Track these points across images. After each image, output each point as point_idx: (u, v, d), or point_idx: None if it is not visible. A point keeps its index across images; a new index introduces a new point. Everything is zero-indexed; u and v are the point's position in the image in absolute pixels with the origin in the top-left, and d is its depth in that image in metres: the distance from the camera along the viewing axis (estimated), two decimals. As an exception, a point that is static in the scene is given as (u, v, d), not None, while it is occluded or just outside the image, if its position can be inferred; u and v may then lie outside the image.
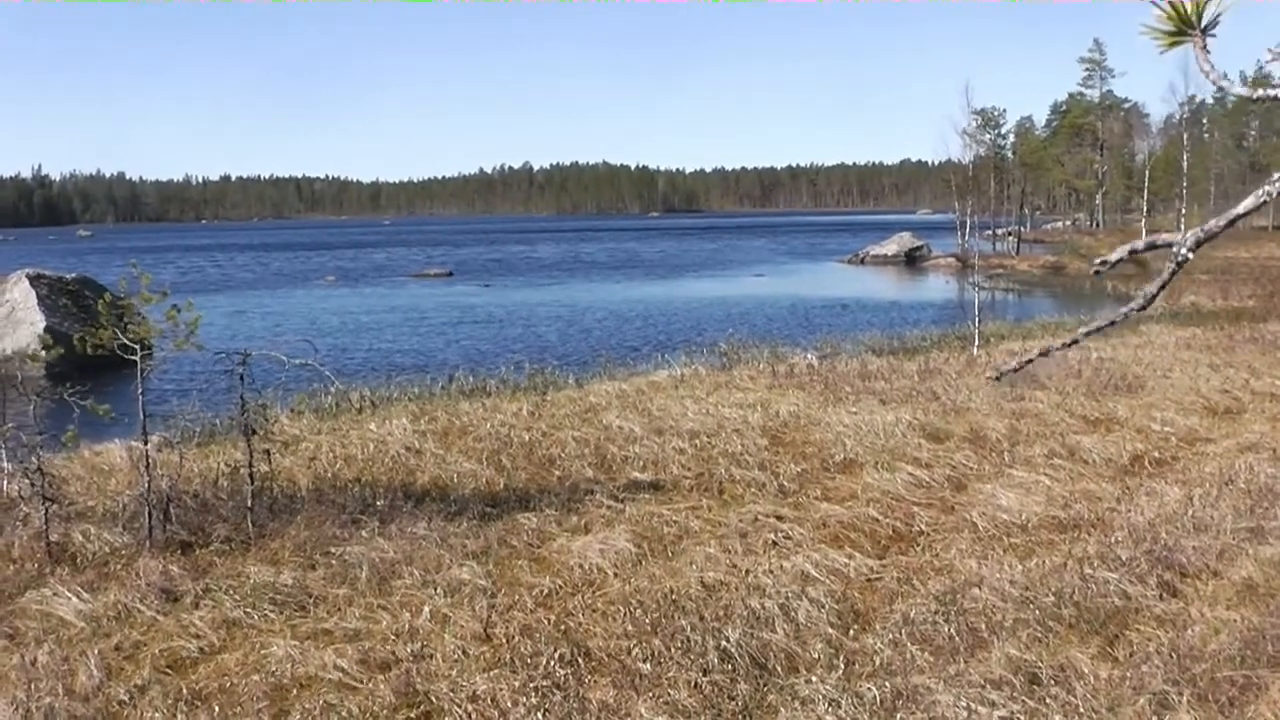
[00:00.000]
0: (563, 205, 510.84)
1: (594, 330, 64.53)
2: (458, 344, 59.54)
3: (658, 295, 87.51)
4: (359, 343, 61.30)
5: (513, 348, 54.97)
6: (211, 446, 26.25)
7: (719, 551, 17.55)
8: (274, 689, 13.15)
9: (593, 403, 30.88)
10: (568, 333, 63.84)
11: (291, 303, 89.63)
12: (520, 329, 66.43)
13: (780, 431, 26.27)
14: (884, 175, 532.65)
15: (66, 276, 57.48)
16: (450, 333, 65.46)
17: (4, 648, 14.94)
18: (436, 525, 19.16)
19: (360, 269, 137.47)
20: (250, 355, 20.37)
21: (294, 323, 72.16)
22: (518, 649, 13.82)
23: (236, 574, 17.15)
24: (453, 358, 51.27)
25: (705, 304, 79.09)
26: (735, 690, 12.67)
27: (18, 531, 19.66)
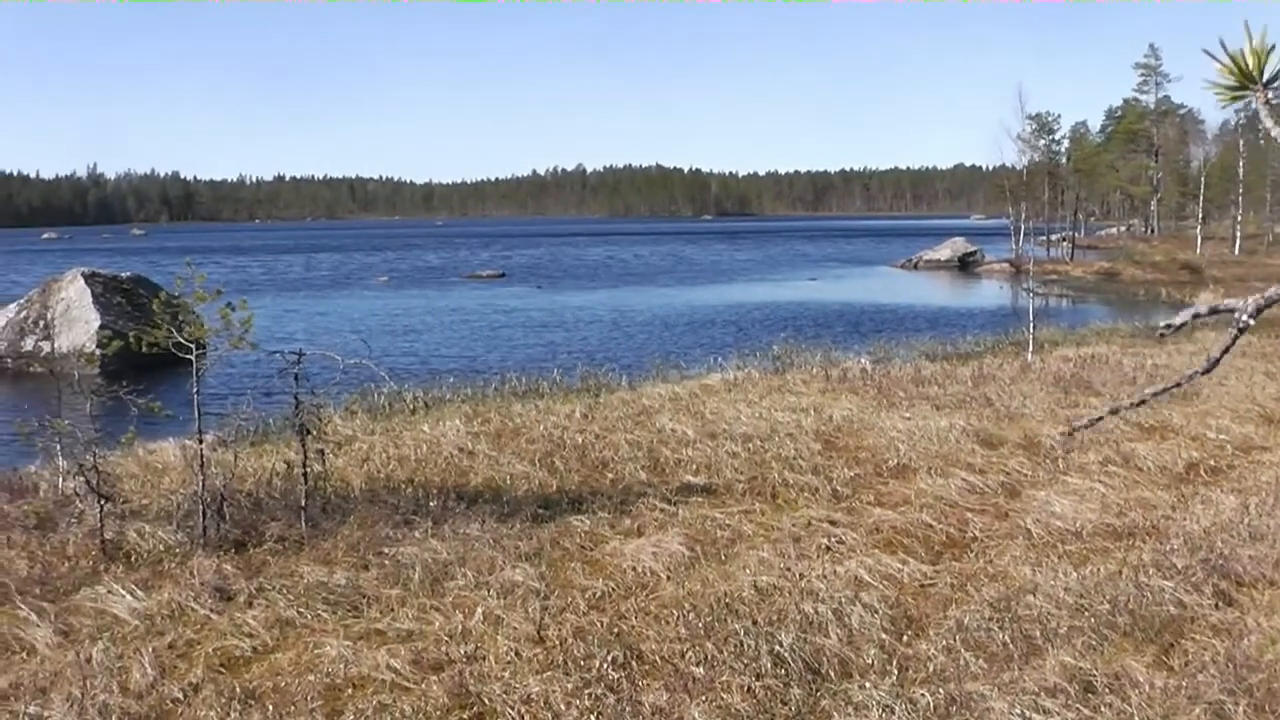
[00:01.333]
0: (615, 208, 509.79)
1: (646, 333, 64.49)
2: (510, 345, 59.57)
3: (709, 299, 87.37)
4: (411, 343, 61.35)
5: (565, 350, 55.02)
6: (265, 446, 26.35)
7: (772, 555, 17.52)
8: (327, 689, 13.17)
9: (645, 405, 30.87)
10: (620, 335, 63.81)
11: (344, 303, 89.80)
12: (572, 331, 66.43)
13: (833, 436, 26.21)
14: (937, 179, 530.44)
15: (121, 275, 57.73)
16: (502, 334, 65.48)
17: (59, 645, 15.01)
18: (489, 526, 19.19)
19: (413, 270, 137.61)
20: (305, 354, 20.43)
21: (346, 323, 72.31)
22: (570, 651, 13.81)
23: (290, 573, 17.20)
24: (505, 359, 51.30)
25: (757, 308, 78.90)
26: (788, 695, 12.62)
27: (73, 529, 19.76)
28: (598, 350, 55.47)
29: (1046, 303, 73.37)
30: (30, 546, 19.03)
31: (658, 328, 67.22)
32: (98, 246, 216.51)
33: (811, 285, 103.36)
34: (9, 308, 56.89)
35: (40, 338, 52.91)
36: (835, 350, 43.08)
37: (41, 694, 13.24)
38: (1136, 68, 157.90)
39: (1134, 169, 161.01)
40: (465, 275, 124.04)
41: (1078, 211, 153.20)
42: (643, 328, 67.32)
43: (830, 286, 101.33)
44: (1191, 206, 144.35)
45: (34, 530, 19.97)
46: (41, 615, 15.83)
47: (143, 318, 45.48)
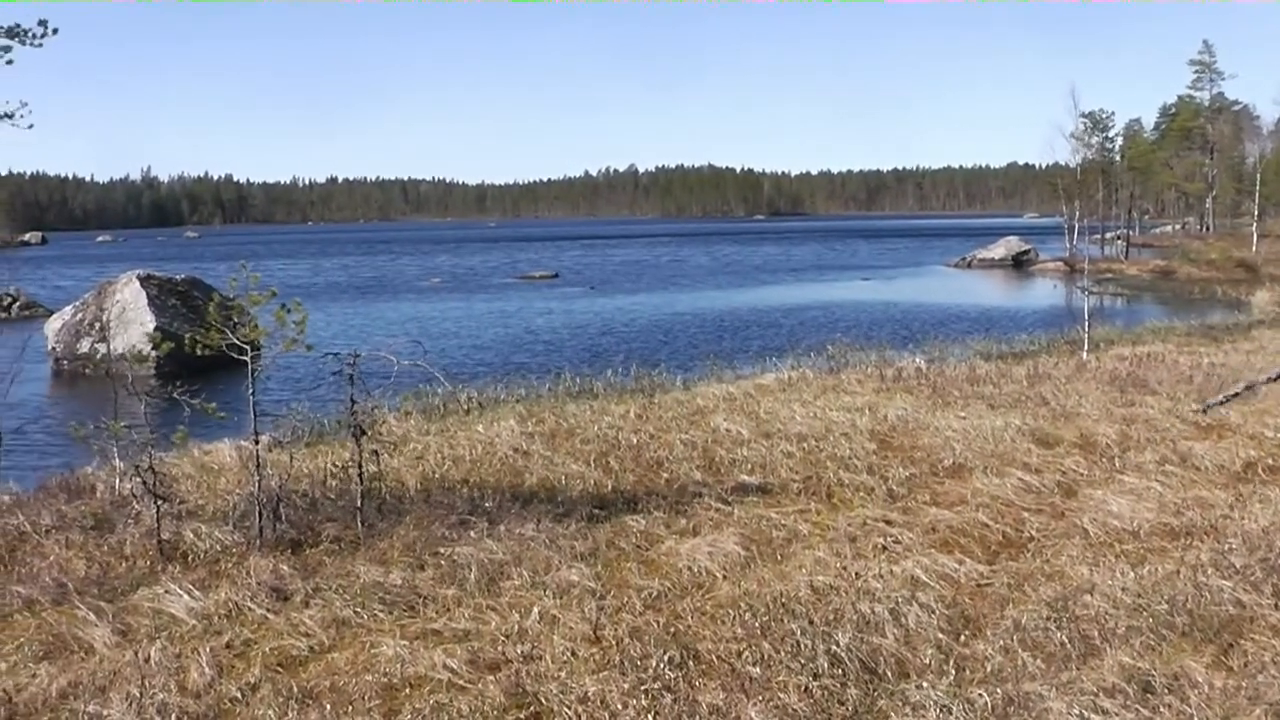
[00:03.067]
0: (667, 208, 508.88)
1: (699, 333, 64.47)
2: (563, 346, 59.67)
3: (762, 299, 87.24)
4: (465, 344, 61.52)
5: (618, 350, 54.97)
6: (320, 446, 26.48)
7: (828, 555, 17.48)
8: (384, 688, 13.20)
9: (700, 405, 30.88)
10: (673, 335, 63.82)
11: (397, 304, 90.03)
12: (625, 331, 66.45)
13: (888, 435, 26.17)
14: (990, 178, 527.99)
15: (176, 277, 58.06)
16: (555, 335, 65.59)
17: (117, 644, 15.08)
18: (545, 526, 19.21)
19: (466, 271, 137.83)
20: (360, 355, 20.48)
21: (400, 324, 72.43)
22: (627, 651, 13.79)
23: (346, 573, 17.25)
24: (559, 360, 51.38)
25: (811, 308, 78.79)
26: (845, 695, 12.59)
27: (130, 529, 19.89)
28: (651, 350, 55.48)
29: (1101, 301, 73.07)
30: (88, 547, 19.17)
31: (711, 328, 67.16)
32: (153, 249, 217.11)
33: (865, 285, 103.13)
34: (65, 310, 57.27)
35: (96, 340, 53.23)
36: (889, 350, 43.03)
37: (100, 693, 13.31)
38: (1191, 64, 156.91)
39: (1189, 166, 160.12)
40: (518, 276, 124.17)
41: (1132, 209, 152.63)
42: (696, 328, 67.29)
43: (884, 286, 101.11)
44: (1247, 204, 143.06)
45: (91, 531, 20.13)
46: (100, 615, 15.92)
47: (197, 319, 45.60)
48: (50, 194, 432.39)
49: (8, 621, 16.19)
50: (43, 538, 19.91)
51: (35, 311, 74.20)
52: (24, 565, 18.48)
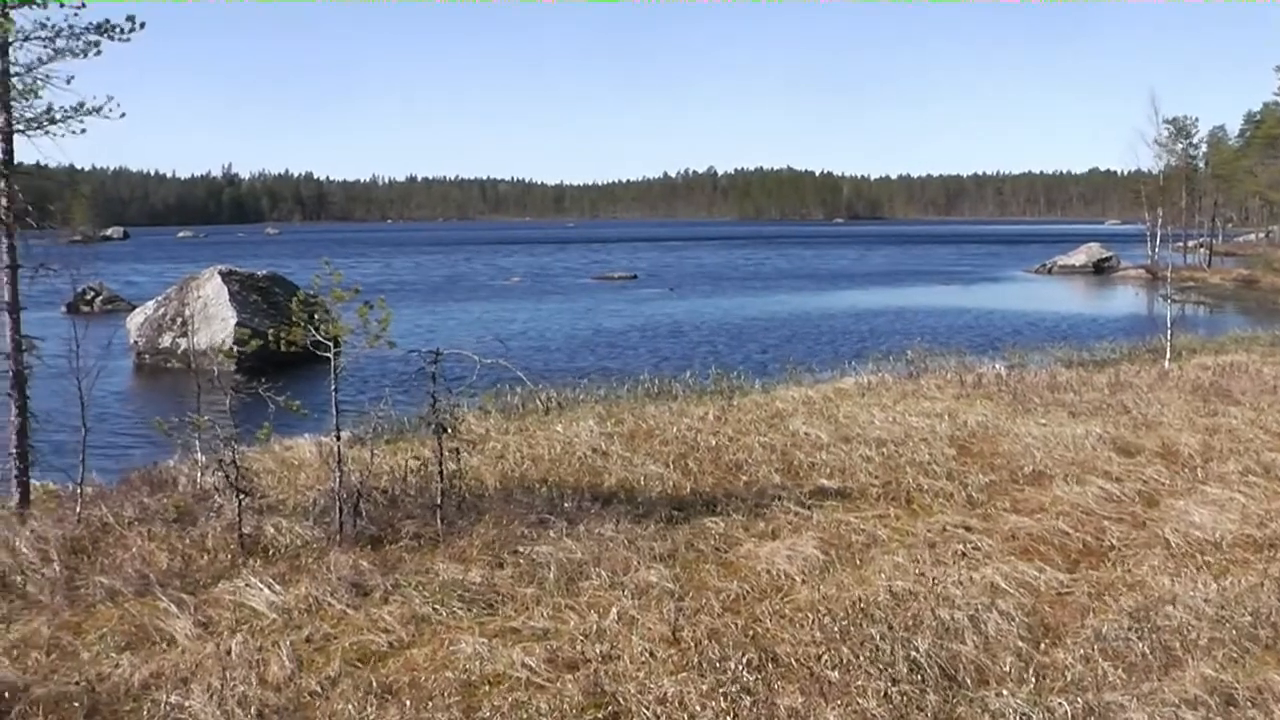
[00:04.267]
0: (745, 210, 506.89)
1: (777, 336, 64.37)
2: (642, 347, 59.71)
3: (841, 303, 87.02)
4: (544, 344, 61.64)
5: (697, 351, 55.02)
6: (400, 443, 26.59)
7: (907, 561, 17.45)
8: (463, 685, 13.26)
9: (779, 408, 30.86)
10: (751, 338, 63.72)
11: (476, 303, 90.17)
12: (704, 333, 66.41)
13: (968, 441, 26.08)
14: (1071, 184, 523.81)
15: (257, 273, 58.44)
16: (635, 336, 65.66)
17: (199, 636, 15.22)
18: (624, 527, 19.25)
19: (545, 270, 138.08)
20: (442, 353, 20.56)
21: (479, 323, 72.64)
22: (705, 653, 13.82)
23: (425, 570, 17.34)
24: (637, 361, 51.43)
25: (889, 313, 78.52)
26: (924, 701, 12.57)
27: (211, 523, 20.04)
28: (729, 352, 55.45)
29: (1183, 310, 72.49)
30: (170, 539, 19.32)
31: (789, 331, 67.05)
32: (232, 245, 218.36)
33: (944, 290, 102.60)
34: (147, 305, 57.71)
35: (178, 334, 53.61)
36: (969, 355, 42.78)
37: (182, 684, 13.44)
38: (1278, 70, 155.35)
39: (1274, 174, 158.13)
40: (597, 277, 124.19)
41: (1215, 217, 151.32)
42: (774, 331, 67.20)
43: (963, 291, 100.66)
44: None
45: (174, 523, 20.28)
46: (181, 607, 16.07)
47: (278, 315, 46.09)
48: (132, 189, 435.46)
49: (91, 612, 16.36)
50: (125, 530, 20.08)
51: (117, 306, 74.76)
52: (107, 556, 18.64)
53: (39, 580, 17.58)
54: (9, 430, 22.43)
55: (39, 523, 20.38)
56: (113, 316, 63.43)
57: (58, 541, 19.21)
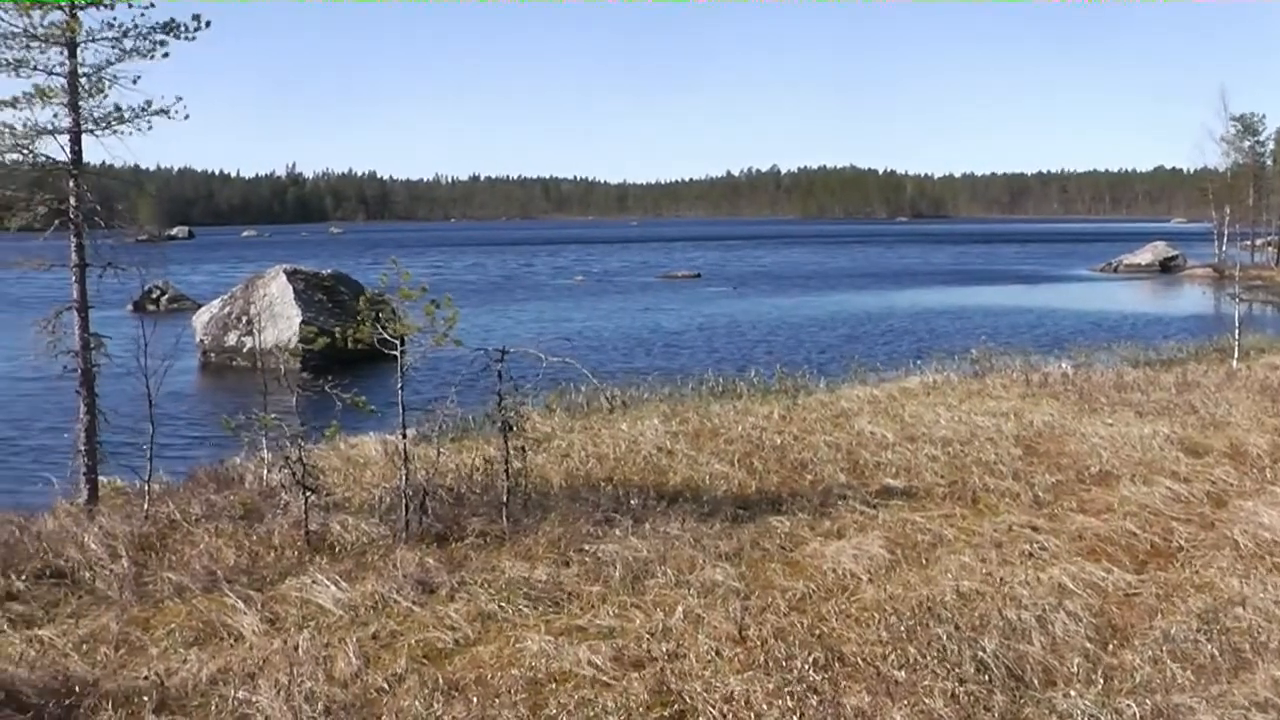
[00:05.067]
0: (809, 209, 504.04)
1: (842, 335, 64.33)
2: (705, 345, 59.70)
3: (905, 302, 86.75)
4: (607, 342, 61.69)
5: (761, 350, 55.00)
6: (465, 441, 26.68)
7: (973, 560, 17.40)
8: (529, 683, 13.28)
9: (844, 407, 30.83)
10: (816, 336, 63.69)
11: (539, 302, 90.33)
12: (768, 332, 66.36)
13: (1034, 441, 25.97)
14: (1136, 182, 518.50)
15: (322, 272, 58.68)
16: (699, 334, 65.64)
17: (266, 632, 15.33)
18: (689, 525, 19.28)
19: (608, 269, 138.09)
20: (508, 351, 20.61)
21: (542, 322, 72.76)
22: (771, 651, 13.79)
23: (491, 568, 17.39)
24: (702, 359, 51.36)
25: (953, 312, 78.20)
26: (991, 701, 12.52)
27: (278, 519, 20.17)
28: (793, 351, 55.39)
29: (1251, 309, 71.98)
30: (237, 536, 19.47)
31: (852, 330, 66.97)
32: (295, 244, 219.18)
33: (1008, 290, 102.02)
34: (213, 304, 58.09)
35: (243, 333, 53.93)
36: (1034, 354, 42.56)
37: (250, 679, 13.52)
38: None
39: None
40: (661, 275, 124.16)
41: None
42: (838, 330, 67.13)
43: (1027, 291, 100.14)
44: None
45: (240, 520, 20.45)
46: (249, 603, 16.19)
47: (343, 314, 46.28)
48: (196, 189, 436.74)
49: (159, 607, 16.50)
50: (193, 526, 20.23)
51: (183, 304, 75.19)
52: (175, 553, 18.81)
53: (108, 576, 17.74)
54: (78, 428, 22.62)
55: (107, 519, 20.55)
56: (178, 315, 63.77)
57: (126, 538, 19.38)
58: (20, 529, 20.49)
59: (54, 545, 19.26)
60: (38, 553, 18.96)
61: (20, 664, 14.38)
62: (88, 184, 22.37)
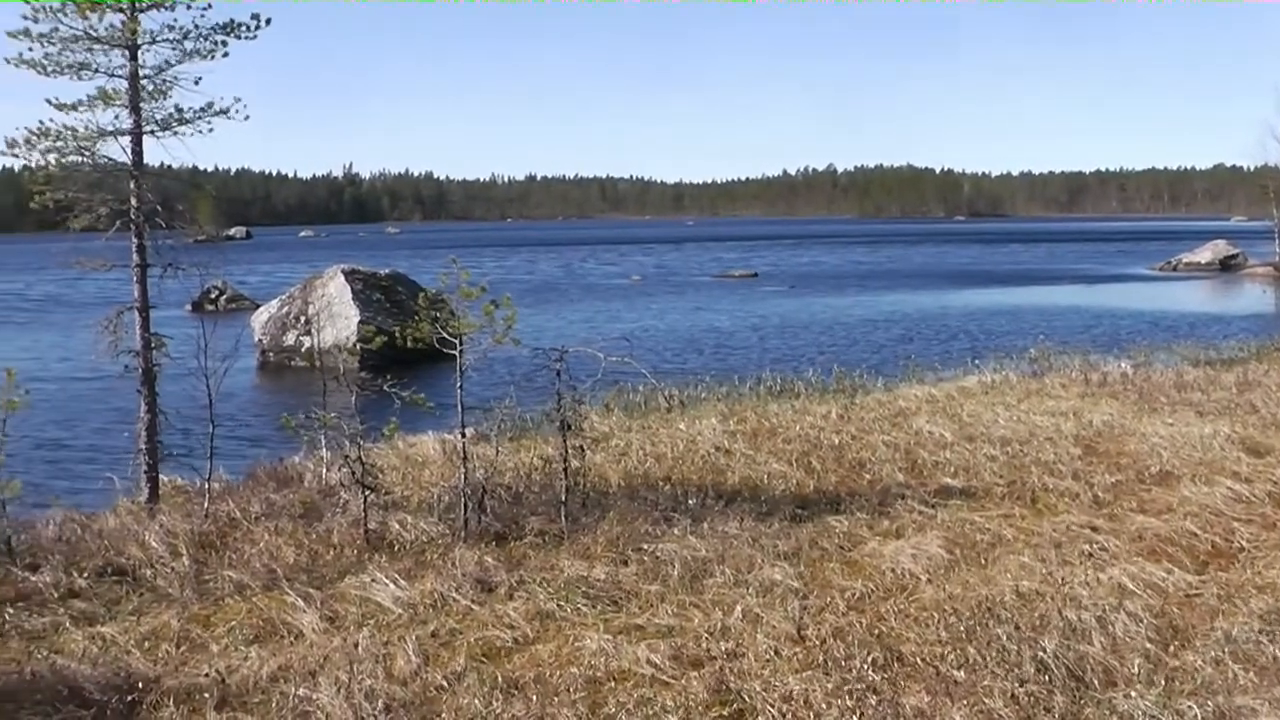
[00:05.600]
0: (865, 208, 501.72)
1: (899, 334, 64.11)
2: (764, 345, 59.60)
3: (963, 302, 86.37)
4: (664, 342, 61.65)
5: (819, 350, 54.92)
6: (523, 440, 26.68)
7: (1033, 560, 17.35)
8: (588, 681, 13.32)
9: (902, 407, 30.76)
10: (872, 336, 63.52)
11: (597, 302, 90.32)
12: (825, 331, 66.23)
13: (1093, 441, 25.85)
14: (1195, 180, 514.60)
15: (379, 272, 58.82)
16: (755, 334, 65.58)
17: (325, 630, 15.42)
18: (748, 525, 19.29)
19: (665, 269, 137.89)
20: (567, 351, 20.66)
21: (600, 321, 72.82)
22: (830, 651, 13.81)
23: (550, 567, 17.45)
24: (759, 359, 51.30)
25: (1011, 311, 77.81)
26: (1052, 702, 12.49)
27: (337, 518, 20.30)
28: (851, 349, 55.38)
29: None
30: (297, 534, 19.59)
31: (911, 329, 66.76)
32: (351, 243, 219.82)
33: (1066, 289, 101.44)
34: (271, 303, 58.36)
35: (301, 333, 54.17)
36: (1093, 354, 42.29)
37: (310, 677, 13.61)
38: None
39: None
40: (717, 275, 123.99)
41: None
42: (895, 329, 66.91)
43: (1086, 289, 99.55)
44: None
45: (300, 519, 20.58)
46: (308, 601, 16.28)
47: (400, 314, 46.39)
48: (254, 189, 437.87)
49: (219, 605, 16.62)
50: (253, 525, 20.38)
51: (241, 304, 75.65)
52: (235, 551, 18.93)
53: (169, 574, 17.88)
54: (139, 427, 22.79)
55: (168, 517, 20.71)
56: (237, 315, 64.13)
57: (186, 536, 19.52)
58: (82, 527, 20.70)
59: (116, 543, 19.44)
60: (99, 550, 19.13)
61: (83, 661, 14.52)
62: (148, 185, 22.53)
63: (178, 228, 23.13)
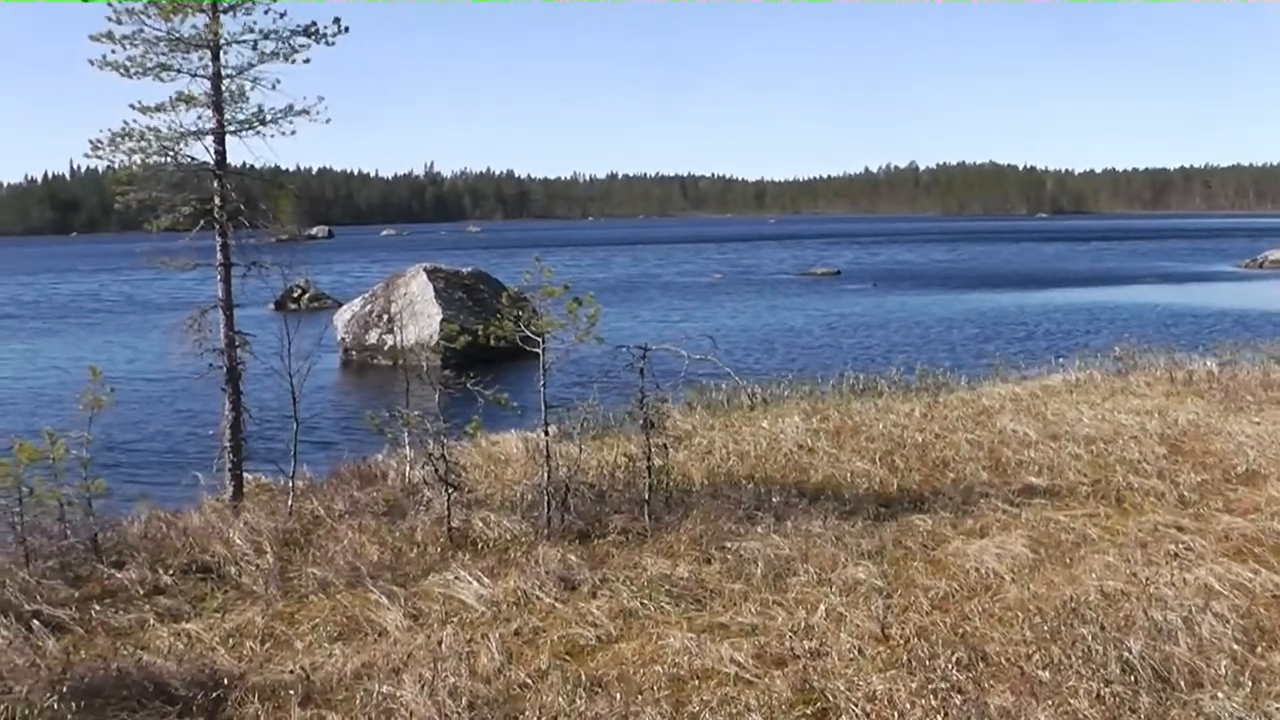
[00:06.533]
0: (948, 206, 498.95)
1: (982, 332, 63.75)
2: (846, 343, 59.43)
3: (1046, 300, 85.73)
4: (746, 340, 61.56)
5: (902, 348, 54.69)
6: (606, 439, 26.72)
7: (1118, 560, 17.23)
8: (672, 680, 13.35)
9: (985, 405, 30.64)
10: (954, 334, 63.18)
11: (677, 299, 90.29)
12: (908, 329, 65.94)
13: (1179, 440, 25.66)
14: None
15: (462, 270, 58.87)
16: (838, 332, 65.42)
17: (409, 628, 15.52)
18: (831, 524, 19.27)
19: (746, 266, 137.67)
20: (650, 349, 20.67)
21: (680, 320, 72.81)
22: (914, 650, 13.77)
23: (633, 565, 17.50)
24: (842, 357, 51.16)
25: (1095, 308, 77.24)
26: (1137, 703, 12.39)
27: (420, 516, 20.42)
28: (934, 348, 55.16)
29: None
30: (380, 532, 19.73)
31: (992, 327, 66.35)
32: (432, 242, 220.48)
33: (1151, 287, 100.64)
34: (354, 302, 58.63)
35: (383, 331, 54.38)
36: (1178, 352, 41.92)
37: (394, 674, 13.72)
38: None
39: None
40: (799, 273, 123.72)
41: None
42: (977, 327, 66.51)
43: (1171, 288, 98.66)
44: None
45: (383, 517, 20.74)
46: (392, 599, 16.40)
47: (482, 312, 46.56)
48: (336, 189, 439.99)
49: (304, 602, 16.76)
50: (336, 523, 20.54)
51: (324, 303, 75.88)
52: (319, 549, 19.08)
53: (253, 571, 18.03)
54: (223, 425, 22.96)
55: (252, 515, 20.89)
56: (319, 313, 64.50)
57: (270, 533, 19.69)
58: (168, 524, 20.93)
59: (200, 541, 19.63)
60: (184, 548, 19.36)
61: (168, 657, 14.68)
62: (231, 184, 22.70)
63: (260, 227, 23.29)
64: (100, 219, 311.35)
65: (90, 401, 20.27)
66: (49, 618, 16.28)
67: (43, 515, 19.29)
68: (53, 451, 19.41)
